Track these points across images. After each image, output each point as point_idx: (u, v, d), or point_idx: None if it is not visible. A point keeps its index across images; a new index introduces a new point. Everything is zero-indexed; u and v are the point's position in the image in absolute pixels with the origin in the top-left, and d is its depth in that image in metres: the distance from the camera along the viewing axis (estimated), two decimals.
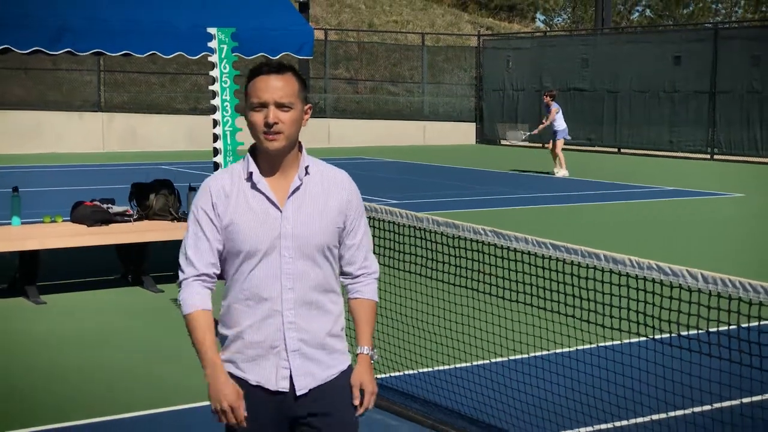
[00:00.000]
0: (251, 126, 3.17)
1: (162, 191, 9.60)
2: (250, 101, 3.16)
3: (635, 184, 19.50)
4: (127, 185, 9.98)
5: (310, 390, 3.20)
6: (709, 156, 26.47)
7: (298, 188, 3.19)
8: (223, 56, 7.52)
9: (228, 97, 7.45)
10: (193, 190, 9.65)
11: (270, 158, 3.18)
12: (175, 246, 9.53)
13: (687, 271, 4.12)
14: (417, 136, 31.90)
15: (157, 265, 9.46)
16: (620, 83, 28.69)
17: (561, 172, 21.03)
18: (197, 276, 3.19)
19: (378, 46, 34.95)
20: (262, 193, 3.17)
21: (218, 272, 3.22)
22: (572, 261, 4.73)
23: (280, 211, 3.16)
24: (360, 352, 3.32)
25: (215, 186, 3.21)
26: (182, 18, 8.75)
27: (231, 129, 7.40)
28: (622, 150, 28.74)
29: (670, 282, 4.20)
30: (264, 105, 3.12)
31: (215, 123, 7.59)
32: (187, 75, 30.47)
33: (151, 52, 8.68)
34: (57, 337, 7.58)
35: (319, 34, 30.35)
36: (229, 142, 7.36)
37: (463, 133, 32.88)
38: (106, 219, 9.17)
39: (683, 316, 4.61)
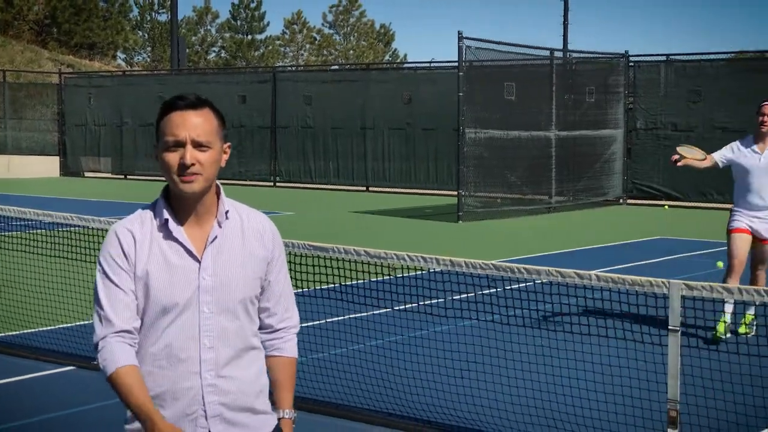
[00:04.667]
0: (164, 167, 2.84)
1: None
2: (164, 140, 2.83)
3: None
4: None
5: None
6: (272, 183, 30.14)
7: (217, 236, 2.90)
8: None
9: None
10: None
11: (185, 202, 2.87)
12: None
13: None
14: (1, 170, 32.80)
15: None
16: None
17: None
18: (116, 333, 2.83)
19: None
20: (178, 242, 2.86)
21: (137, 326, 2.87)
22: None
23: (199, 262, 2.86)
24: (282, 416, 3.07)
25: (123, 232, 2.88)
26: None
27: None
28: None
29: None
30: (180, 144, 2.81)
31: None
32: None
33: None
34: None
35: None
36: None
37: (48, 166, 34.22)
38: None
39: None
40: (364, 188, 28.54)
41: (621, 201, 24.71)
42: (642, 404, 5.96)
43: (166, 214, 2.87)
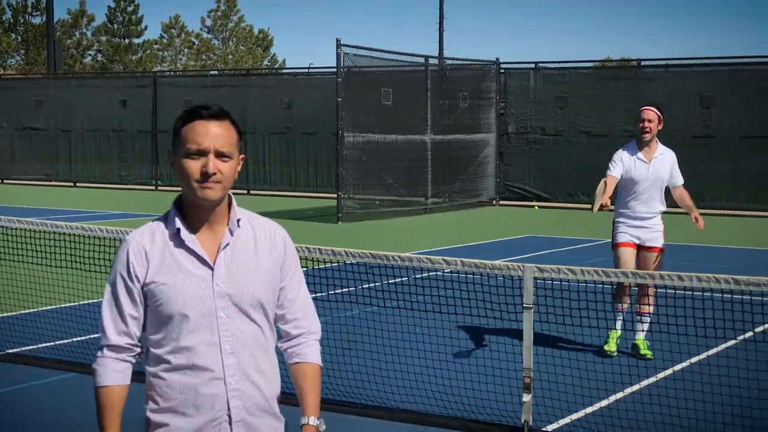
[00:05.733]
0: (183, 175, 2.88)
1: None
2: (186, 147, 2.87)
3: (89, 210, 22.45)
4: None
5: None
6: (154, 187, 30.29)
7: (229, 243, 2.95)
8: None
9: None
10: None
11: (199, 211, 2.93)
12: None
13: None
14: None
15: None
16: (73, 123, 31.67)
17: None
18: (109, 347, 2.94)
19: None
20: (191, 251, 2.92)
21: (133, 342, 2.94)
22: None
23: (212, 269, 2.91)
24: (307, 423, 3.01)
25: (134, 244, 2.94)
26: None
27: None
28: (77, 184, 31.63)
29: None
30: (203, 153, 2.87)
31: None
32: None
33: None
34: None
35: None
36: None
37: None
38: None
39: None
40: (245, 191, 28.95)
41: (494, 202, 25.78)
42: (501, 373, 6.74)
43: (178, 224, 2.93)
